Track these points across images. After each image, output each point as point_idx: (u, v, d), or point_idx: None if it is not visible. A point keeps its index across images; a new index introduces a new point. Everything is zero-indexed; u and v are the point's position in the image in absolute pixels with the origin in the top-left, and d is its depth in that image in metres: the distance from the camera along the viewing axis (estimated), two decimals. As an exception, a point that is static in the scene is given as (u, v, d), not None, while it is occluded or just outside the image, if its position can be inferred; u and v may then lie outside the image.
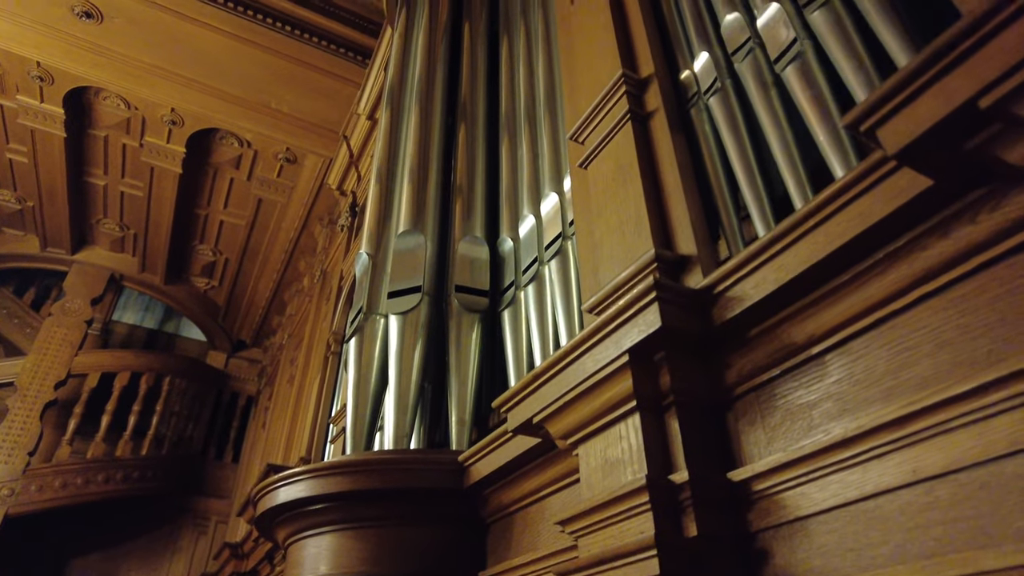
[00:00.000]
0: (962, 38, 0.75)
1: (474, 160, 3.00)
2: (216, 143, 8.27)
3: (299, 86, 6.92)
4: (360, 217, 5.33)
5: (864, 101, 0.83)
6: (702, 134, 1.64)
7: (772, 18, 1.48)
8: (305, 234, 8.97)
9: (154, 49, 6.68)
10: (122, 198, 9.30)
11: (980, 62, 0.74)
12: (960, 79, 0.75)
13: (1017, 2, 0.72)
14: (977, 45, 0.74)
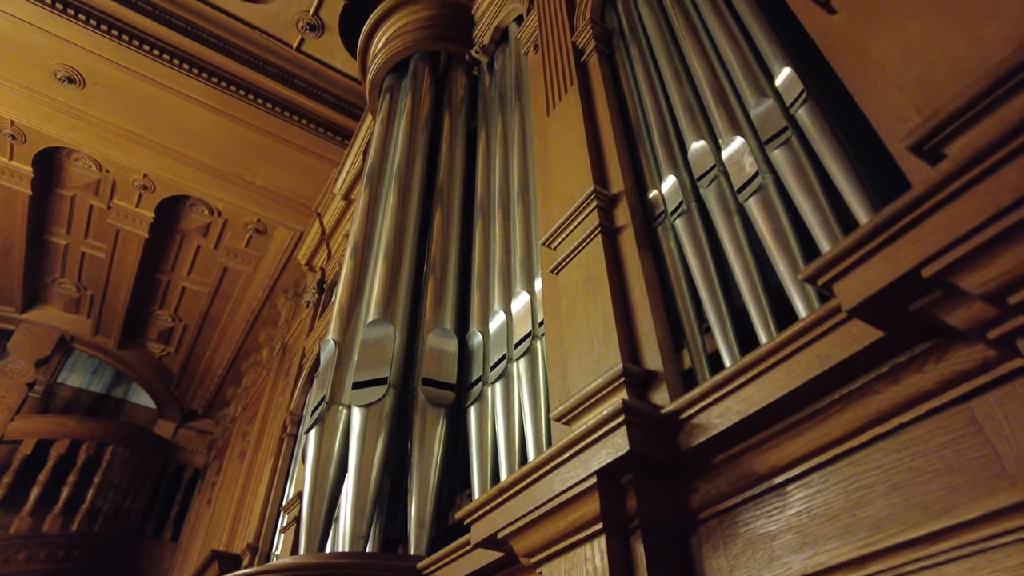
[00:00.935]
0: (908, 210, 0.83)
1: (448, 242, 3.07)
2: (186, 210, 8.25)
3: (276, 161, 7.02)
4: (327, 294, 5.32)
5: (820, 258, 0.90)
6: (668, 251, 1.72)
7: (736, 151, 1.59)
8: (268, 305, 8.86)
9: (134, 116, 6.74)
10: (83, 259, 9.11)
11: (923, 234, 0.81)
12: (906, 248, 0.82)
13: (958, 182, 0.80)
14: (921, 217, 0.82)
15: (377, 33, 4.20)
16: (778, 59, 1.59)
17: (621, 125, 2.11)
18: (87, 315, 10.10)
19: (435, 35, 3.97)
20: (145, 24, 6.11)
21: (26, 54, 6.17)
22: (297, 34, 6.33)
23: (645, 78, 2.15)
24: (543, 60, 2.73)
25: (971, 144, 0.80)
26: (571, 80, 2.37)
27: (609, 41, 2.49)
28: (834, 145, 1.36)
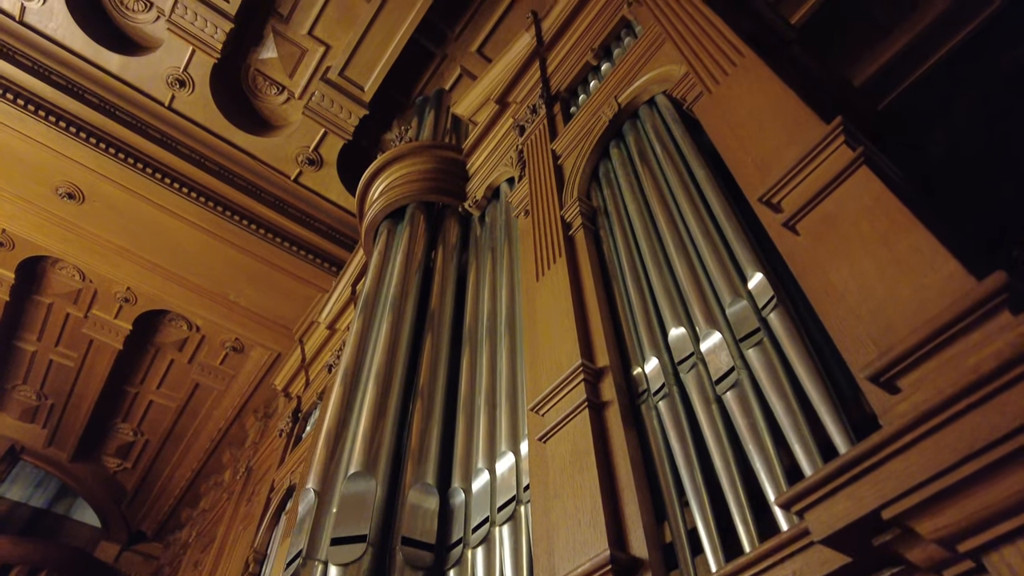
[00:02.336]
0: (869, 455, 0.95)
1: (436, 369, 3.19)
2: (165, 324, 8.25)
3: (261, 283, 7.15)
4: (302, 424, 5.27)
5: (794, 488, 1.01)
6: (651, 430, 1.83)
7: (714, 345, 1.74)
8: (237, 425, 8.67)
9: (127, 233, 6.90)
10: (50, 367, 8.94)
11: (882, 478, 0.93)
12: (868, 488, 0.94)
13: (909, 435, 0.93)
14: (880, 463, 0.94)
15: (376, 180, 4.49)
16: (751, 263, 1.78)
17: (606, 300, 2.28)
18: (43, 425, 9.73)
19: (431, 187, 4.26)
20: (151, 149, 6.41)
21: (32, 170, 6.40)
22: (296, 167, 6.68)
23: (628, 258, 2.36)
24: (533, 226, 2.96)
25: (918, 403, 0.94)
26: (559, 251, 2.57)
27: (594, 218, 2.73)
28: (803, 354, 1.52)
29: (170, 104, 6.33)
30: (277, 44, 6.17)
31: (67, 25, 5.92)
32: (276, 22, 6.07)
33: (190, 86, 6.19)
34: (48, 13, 5.85)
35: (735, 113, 2.00)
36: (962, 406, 0.87)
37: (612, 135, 3.00)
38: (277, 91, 6.44)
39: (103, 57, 6.08)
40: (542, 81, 3.92)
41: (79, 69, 6.09)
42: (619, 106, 2.95)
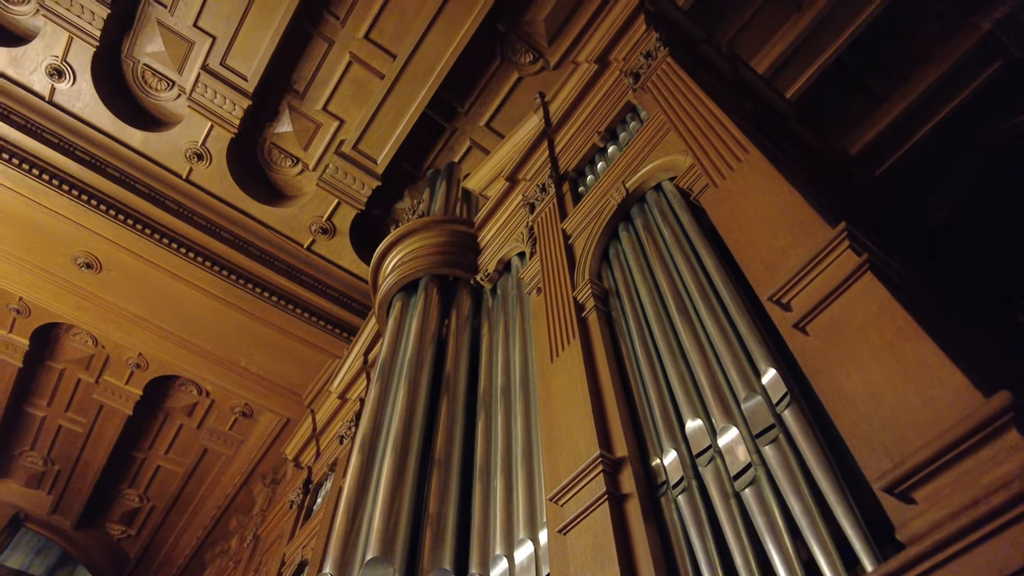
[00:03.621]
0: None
1: (452, 431, 3.24)
2: (175, 389, 8.29)
3: (272, 349, 7.21)
4: (313, 495, 5.24)
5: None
6: (671, 524, 1.85)
7: (731, 440, 1.79)
8: (244, 491, 8.59)
9: (142, 301, 7.01)
10: (58, 432, 8.94)
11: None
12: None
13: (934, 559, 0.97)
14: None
15: (390, 254, 4.61)
16: (764, 358, 1.84)
17: (622, 386, 2.33)
18: (48, 491, 9.66)
19: (444, 261, 4.37)
20: (167, 219, 6.58)
21: (52, 240, 6.56)
22: (310, 235, 6.84)
23: (641, 344, 2.42)
24: (546, 305, 3.04)
25: (934, 524, 0.98)
26: (573, 333, 2.64)
27: (606, 300, 2.81)
28: (818, 453, 1.56)
29: (187, 176, 6.54)
30: (293, 119, 6.41)
31: (94, 104, 6.17)
32: (292, 98, 6.33)
33: (207, 159, 6.40)
34: (76, 93, 6.11)
35: (741, 210, 2.10)
36: (976, 537, 0.92)
37: (621, 217, 3.11)
38: (292, 163, 6.65)
39: (126, 133, 6.31)
40: (551, 160, 4.07)
41: (103, 145, 6.32)
42: (627, 191, 3.06)
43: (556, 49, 5.94)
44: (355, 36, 5.93)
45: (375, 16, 5.80)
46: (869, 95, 5.48)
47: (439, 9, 5.54)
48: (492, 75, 6.12)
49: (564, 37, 5.89)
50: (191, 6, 5.85)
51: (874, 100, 5.44)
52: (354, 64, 6.07)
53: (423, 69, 5.85)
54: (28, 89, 6.10)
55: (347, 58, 6.04)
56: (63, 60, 5.95)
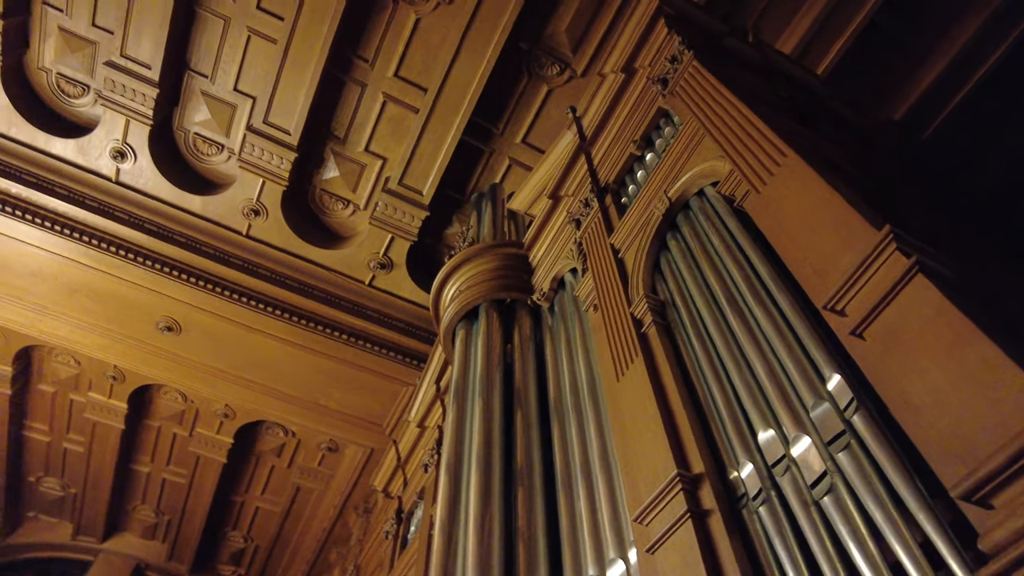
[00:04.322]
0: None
1: (530, 447, 3.38)
2: (262, 433, 8.66)
3: (348, 384, 7.49)
4: (406, 524, 5.43)
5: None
6: (755, 536, 1.89)
7: (805, 450, 1.81)
8: (340, 523, 8.92)
9: (222, 355, 7.40)
10: (163, 485, 9.48)
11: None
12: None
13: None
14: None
15: (447, 285, 4.75)
16: (827, 363, 1.86)
17: (690, 401, 2.37)
18: (163, 540, 10.26)
19: (499, 285, 4.48)
20: (234, 276, 6.94)
21: (135, 310, 7.01)
22: (369, 272, 7.08)
23: (704, 355, 2.45)
24: (604, 323, 3.10)
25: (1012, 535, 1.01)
26: (635, 351, 2.69)
27: (664, 312, 2.85)
28: (892, 457, 1.57)
29: (248, 232, 6.87)
30: (338, 163, 6.67)
31: (155, 178, 6.58)
32: (334, 144, 6.58)
33: (264, 214, 6.72)
34: (139, 171, 6.53)
35: (786, 216, 2.11)
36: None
37: (668, 227, 3.14)
38: (343, 205, 6.91)
39: (187, 200, 6.70)
40: (590, 174, 4.12)
41: (167, 214, 6.73)
42: (670, 200, 3.09)
43: (581, 57, 5.98)
44: (385, 76, 6.13)
45: (402, 54, 5.99)
46: (907, 55, 5.29)
47: (462, 38, 5.67)
48: (522, 93, 6.21)
49: (588, 44, 5.93)
50: (229, 72, 6.17)
51: (913, 60, 5.25)
52: (388, 103, 6.27)
53: (454, 98, 5.99)
54: (97, 173, 6.55)
55: (381, 98, 6.25)
56: (123, 142, 6.37)
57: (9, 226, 6.53)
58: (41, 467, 9.38)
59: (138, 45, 5.94)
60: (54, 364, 8.17)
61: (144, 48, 5.95)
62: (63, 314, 7.20)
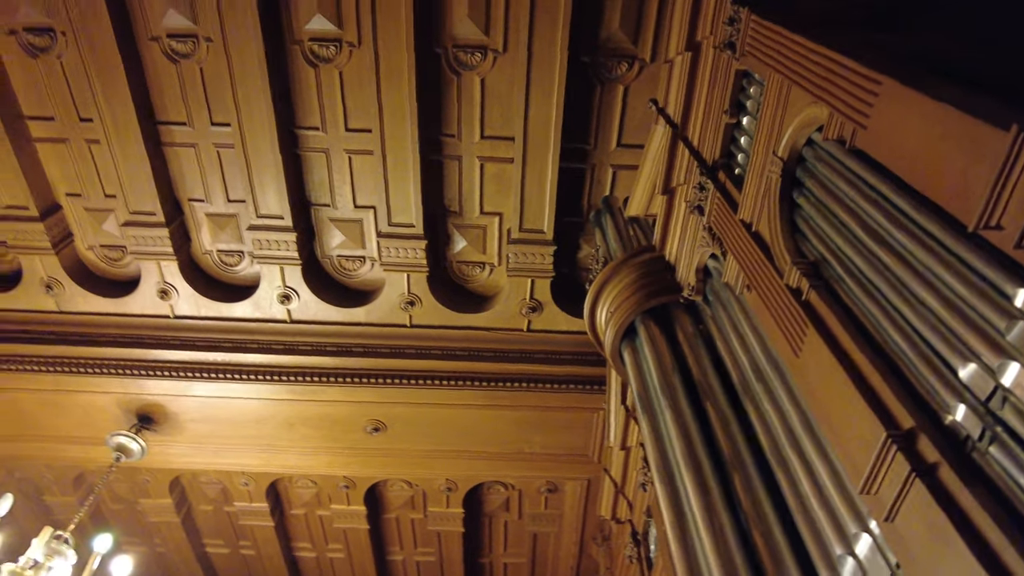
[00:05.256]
0: None
1: (733, 437, 3.36)
2: (485, 494, 9.15)
3: (543, 427, 7.76)
4: (643, 545, 5.49)
5: None
6: (996, 476, 1.77)
7: (1017, 375, 1.69)
8: (584, 557, 9.15)
9: (426, 437, 7.98)
10: (418, 567, 10.25)
11: None
12: None
13: None
14: None
15: (597, 310, 4.86)
16: (1006, 280, 1.73)
17: (876, 356, 2.27)
18: (434, 618, 11.02)
19: (646, 295, 4.51)
20: (413, 364, 7.50)
21: (344, 424, 7.80)
22: (524, 319, 7.36)
23: (873, 303, 2.34)
24: (762, 301, 3.04)
25: None
26: (804, 323, 2.62)
27: (818, 273, 2.75)
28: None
29: (411, 323, 7.44)
30: (462, 234, 7.07)
31: (319, 307, 7.35)
32: (453, 219, 7.00)
33: (418, 302, 7.26)
34: (304, 306, 7.34)
35: (902, 145, 2.01)
36: None
37: (790, 186, 3.04)
38: (480, 269, 7.29)
39: (352, 315, 7.40)
40: (694, 157, 4.08)
41: (340, 332, 7.47)
42: (782, 160, 3.00)
43: (643, 45, 5.95)
44: (473, 141, 6.46)
45: (480, 116, 6.30)
46: None
47: (527, 80, 5.87)
48: (600, 102, 6.26)
49: (645, 30, 5.89)
50: (345, 194, 6.82)
51: None
52: (485, 164, 6.59)
53: (541, 135, 6.18)
54: (274, 320, 7.44)
55: (477, 163, 6.59)
56: (284, 286, 7.21)
57: (225, 388, 7.57)
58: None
59: (267, 203, 6.74)
60: (296, 490, 9.26)
61: (272, 203, 6.74)
62: (289, 447, 8.16)
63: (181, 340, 7.39)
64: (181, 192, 6.89)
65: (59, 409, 7.74)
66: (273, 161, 6.43)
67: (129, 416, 7.70)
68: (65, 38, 6.02)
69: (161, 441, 7.92)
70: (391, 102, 6.11)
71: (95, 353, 7.41)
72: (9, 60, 6.19)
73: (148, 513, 9.40)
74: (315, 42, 5.99)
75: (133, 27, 5.99)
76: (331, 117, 6.38)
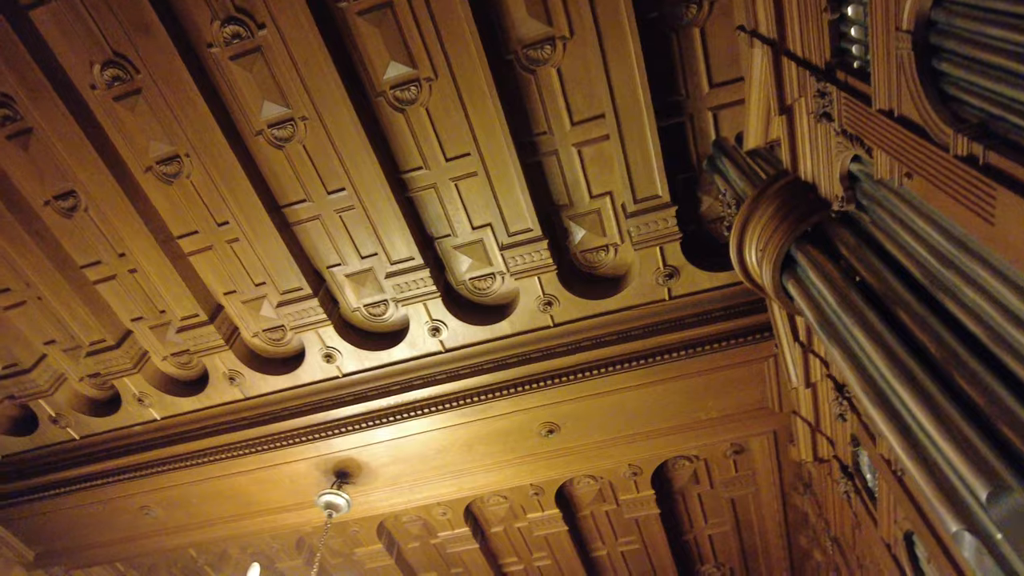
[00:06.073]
0: None
1: (936, 333, 3.12)
2: (671, 470, 9.06)
3: (713, 390, 7.59)
4: (857, 478, 5.22)
5: None
6: None
7: None
8: (790, 510, 8.82)
9: (599, 428, 8.04)
10: (624, 558, 10.28)
11: None
12: None
13: None
14: None
15: (744, 254, 4.72)
16: None
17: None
18: (655, 603, 11.00)
19: (793, 221, 4.32)
20: (566, 361, 7.62)
21: (519, 434, 8.03)
22: (663, 288, 7.27)
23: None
24: (931, 184, 2.84)
25: None
26: (990, 187, 2.42)
27: (989, 131, 2.54)
28: None
29: (554, 323, 7.56)
30: (579, 224, 7.12)
31: (466, 330, 7.65)
32: (565, 212, 7.07)
33: (556, 302, 7.37)
34: (453, 334, 7.66)
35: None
36: None
37: (927, 55, 2.84)
38: (605, 252, 7.30)
39: (498, 330, 7.63)
40: (804, 67, 3.89)
41: (493, 348, 7.73)
42: (909, 33, 2.81)
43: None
44: (565, 131, 6.51)
45: (565, 105, 6.35)
46: None
47: (602, 56, 5.85)
48: (680, 49, 6.13)
49: (705, -36, 5.73)
50: (461, 220, 7.08)
51: None
52: (582, 149, 6.62)
53: (630, 103, 6.12)
54: (430, 354, 7.83)
55: (574, 151, 6.63)
56: (431, 320, 7.56)
57: (403, 428, 8.03)
58: (531, 590, 10.87)
59: (395, 249, 7.14)
60: (490, 508, 9.61)
61: (400, 248, 7.12)
62: (474, 468, 8.51)
63: (354, 395, 7.94)
64: (319, 262, 7.43)
65: (270, 484, 8.54)
66: (391, 210, 6.81)
67: (328, 475, 8.35)
68: (189, 159, 6.69)
69: (361, 491, 8.52)
70: (480, 121, 6.31)
71: (285, 427, 8.12)
72: (152, 193, 6.99)
73: (364, 561, 10.11)
74: (396, 88, 6.31)
75: (238, 129, 6.58)
76: (430, 153, 6.68)
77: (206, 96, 6.23)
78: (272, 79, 6.24)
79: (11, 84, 6.13)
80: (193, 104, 6.26)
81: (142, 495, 8.86)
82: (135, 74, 6.19)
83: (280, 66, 6.11)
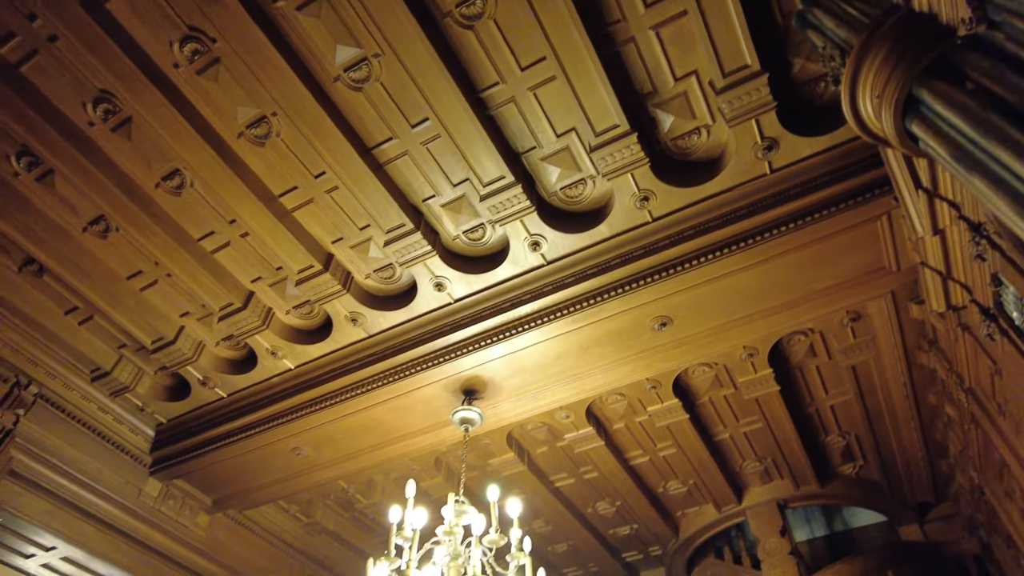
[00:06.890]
0: None
1: None
2: (787, 347, 9.06)
3: (826, 259, 7.43)
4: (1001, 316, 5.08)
5: None
6: None
7: None
8: (915, 370, 8.71)
9: (712, 314, 8.07)
10: (747, 438, 10.49)
11: None
12: None
13: None
14: None
15: (859, 103, 4.47)
16: None
17: None
18: (782, 477, 11.28)
19: (914, 56, 4.04)
20: (671, 252, 7.59)
21: (631, 331, 8.18)
22: (763, 162, 7.08)
23: None
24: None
25: None
26: None
27: None
28: None
29: (652, 217, 7.54)
30: (666, 110, 6.95)
31: (565, 240, 7.75)
32: (650, 100, 6.90)
33: (652, 195, 7.32)
34: (553, 245, 7.79)
35: None
36: None
37: None
38: (697, 135, 7.13)
39: (597, 234, 7.70)
40: None
41: (595, 253, 7.81)
42: None
43: None
44: (640, 15, 6.27)
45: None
46: None
47: (673, -78, 5.54)
48: (753, -97, 5.72)
49: None
50: (544, 130, 7.04)
51: None
52: (659, 31, 6.38)
53: (708, -30, 5.82)
54: (533, 268, 8.00)
55: (651, 34, 6.40)
56: (530, 235, 7.69)
57: (519, 342, 8.31)
58: (657, 477, 11.31)
59: (485, 171, 7.21)
60: (610, 407, 9.95)
61: (489, 169, 7.19)
62: (590, 370, 8.77)
63: (468, 317, 8.28)
64: (414, 197, 7.63)
65: (405, 410, 9.14)
66: (475, 131, 6.85)
67: (457, 394, 8.84)
68: (276, 117, 6.90)
69: (489, 404, 8.99)
70: (550, 20, 6.16)
71: (410, 356, 8.59)
72: (248, 157, 7.29)
73: (500, 470, 10.77)
74: (461, 6, 6.22)
75: (317, 79, 6.70)
76: (504, 66, 6.61)
77: (282, 52, 6.35)
78: (340, 21, 6.27)
79: (108, 79, 6.44)
80: (271, 62, 6.40)
81: (291, 438, 9.67)
82: (212, 44, 6.35)
83: (346, 7, 6.13)
